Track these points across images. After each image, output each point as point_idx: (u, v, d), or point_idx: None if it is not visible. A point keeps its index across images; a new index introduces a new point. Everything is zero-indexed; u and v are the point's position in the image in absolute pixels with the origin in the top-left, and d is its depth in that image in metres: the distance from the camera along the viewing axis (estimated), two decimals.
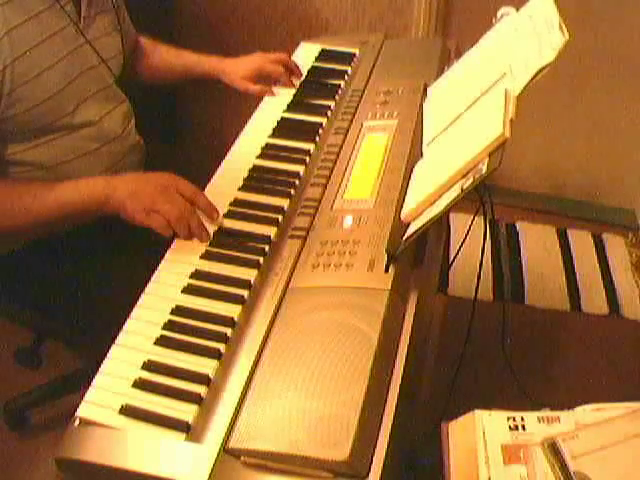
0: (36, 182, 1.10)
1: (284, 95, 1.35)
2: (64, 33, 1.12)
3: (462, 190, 0.84)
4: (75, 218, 1.07)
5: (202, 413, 0.76)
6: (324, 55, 1.48)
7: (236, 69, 1.39)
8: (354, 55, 1.46)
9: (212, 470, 0.71)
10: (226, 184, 1.11)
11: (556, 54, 0.86)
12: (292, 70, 1.40)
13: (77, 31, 1.15)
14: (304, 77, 1.41)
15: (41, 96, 1.09)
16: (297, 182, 1.10)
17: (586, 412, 0.80)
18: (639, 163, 2.26)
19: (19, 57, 1.04)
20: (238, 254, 0.96)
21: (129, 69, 1.36)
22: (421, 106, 1.17)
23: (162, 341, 0.84)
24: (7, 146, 1.11)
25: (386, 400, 0.76)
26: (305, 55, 1.47)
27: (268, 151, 1.18)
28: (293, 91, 1.36)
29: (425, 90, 1.22)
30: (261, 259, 0.95)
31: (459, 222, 2.04)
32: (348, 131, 1.19)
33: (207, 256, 0.97)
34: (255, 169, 1.14)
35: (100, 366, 0.82)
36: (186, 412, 0.76)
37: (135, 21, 1.40)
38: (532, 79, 0.88)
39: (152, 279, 0.93)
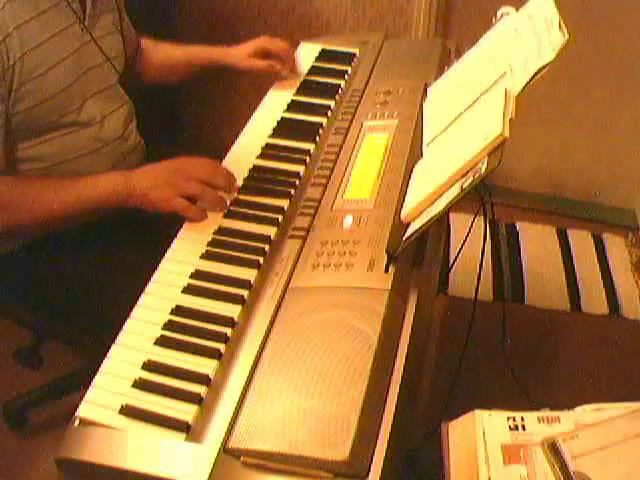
0: (54, 177, 1.13)
1: (284, 95, 1.35)
2: (70, 30, 1.13)
3: (462, 190, 0.84)
4: (95, 212, 1.10)
5: (202, 413, 0.76)
6: (324, 55, 1.48)
7: (240, 50, 1.40)
8: (354, 55, 1.46)
9: (212, 470, 0.71)
10: None
11: (556, 54, 0.86)
12: (289, 60, 1.40)
13: (83, 29, 1.16)
14: (304, 77, 1.41)
15: (47, 92, 1.09)
16: (297, 182, 1.10)
17: (586, 412, 0.80)
18: (639, 163, 2.26)
19: (28, 52, 1.05)
20: (238, 254, 0.96)
21: (132, 71, 1.36)
22: (421, 106, 1.17)
23: (162, 341, 0.84)
24: (11, 142, 1.12)
25: (386, 400, 0.76)
26: (305, 55, 1.47)
27: (268, 151, 1.18)
28: (293, 91, 1.36)
29: (425, 90, 1.22)
30: (261, 259, 0.95)
31: (459, 222, 2.03)
32: (348, 131, 1.19)
33: (207, 256, 0.97)
34: (255, 169, 1.14)
35: (100, 366, 0.82)
36: (186, 412, 0.76)
37: (136, 21, 1.40)
38: (532, 79, 0.88)
39: (152, 279, 0.93)
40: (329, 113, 1.27)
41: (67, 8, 1.12)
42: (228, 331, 0.85)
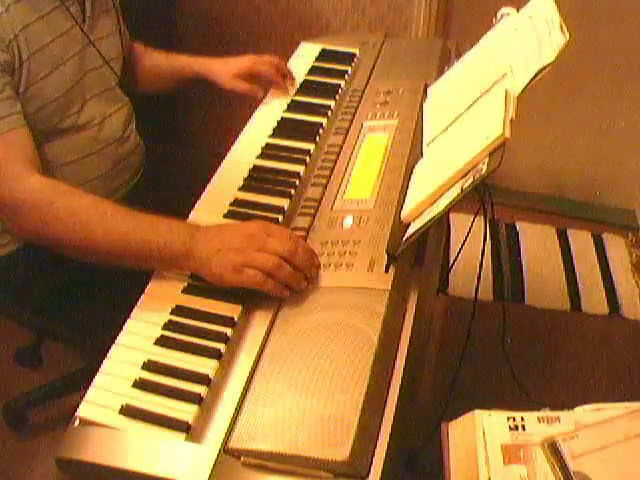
0: (109, 201, 0.96)
1: (284, 95, 1.35)
2: (71, 33, 1.13)
3: (462, 190, 0.84)
4: (142, 260, 0.92)
5: (202, 413, 0.76)
6: (324, 55, 1.48)
7: (225, 68, 1.37)
8: (354, 55, 1.46)
9: (212, 470, 0.71)
10: (226, 184, 1.11)
11: (556, 54, 0.86)
12: (284, 74, 1.36)
13: (82, 32, 1.16)
14: (304, 77, 1.41)
15: (50, 95, 1.09)
16: (297, 182, 1.10)
17: (586, 412, 0.80)
18: (639, 163, 2.26)
19: (34, 54, 1.05)
20: None
21: (126, 76, 1.36)
22: (421, 106, 1.17)
23: (162, 341, 0.84)
24: None
25: (386, 400, 0.76)
26: (305, 55, 1.47)
27: (268, 151, 1.18)
28: (293, 91, 1.36)
29: (425, 90, 1.22)
30: None
31: (459, 222, 2.04)
32: (348, 131, 1.19)
33: None
34: (255, 169, 1.14)
35: (100, 366, 0.82)
36: (186, 412, 0.76)
37: (136, 22, 1.40)
38: (532, 79, 0.88)
39: (152, 279, 0.93)
40: (329, 113, 1.27)
41: (67, 11, 1.12)
42: (228, 331, 0.85)
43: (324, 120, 1.25)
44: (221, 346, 0.83)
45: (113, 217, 0.93)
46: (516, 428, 0.78)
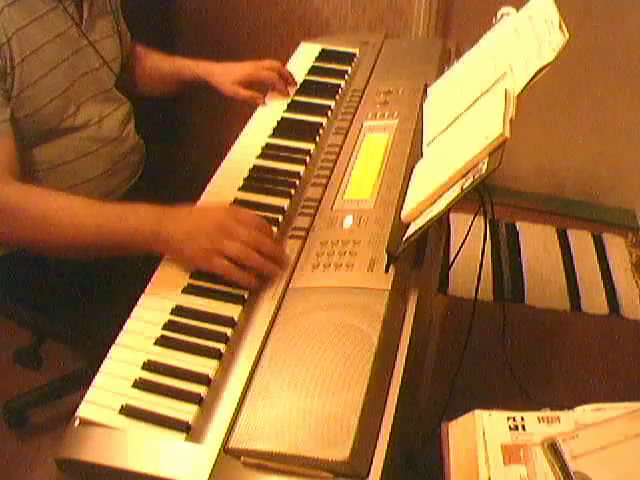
0: (78, 197, 0.99)
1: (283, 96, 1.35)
2: (67, 35, 1.13)
3: (462, 190, 0.84)
4: (116, 249, 0.95)
5: (202, 413, 0.76)
6: (324, 55, 1.48)
7: (226, 73, 1.37)
8: (354, 55, 1.46)
9: (212, 470, 0.71)
10: (226, 184, 1.11)
11: (556, 54, 0.86)
12: (286, 78, 1.37)
13: (79, 33, 1.15)
14: (304, 77, 1.40)
15: (46, 97, 1.09)
16: (297, 182, 1.10)
17: (586, 412, 0.80)
18: (639, 163, 2.26)
19: (27, 57, 1.05)
20: None
21: (126, 78, 1.36)
22: (421, 106, 1.17)
23: (162, 341, 0.84)
24: None
25: (386, 400, 0.76)
26: (305, 55, 1.47)
27: (268, 151, 1.18)
28: (293, 91, 1.36)
29: (425, 90, 1.22)
30: None
31: (459, 222, 2.04)
32: (348, 131, 1.19)
33: None
34: (255, 169, 1.14)
35: (100, 366, 0.82)
36: (186, 412, 0.76)
37: (136, 22, 1.40)
38: (532, 79, 0.88)
39: (152, 279, 0.93)
40: (329, 113, 1.27)
41: (63, 12, 1.12)
42: (228, 331, 0.85)
43: (324, 120, 1.25)
44: (221, 346, 0.83)
45: (83, 216, 0.95)
46: (516, 428, 0.78)
